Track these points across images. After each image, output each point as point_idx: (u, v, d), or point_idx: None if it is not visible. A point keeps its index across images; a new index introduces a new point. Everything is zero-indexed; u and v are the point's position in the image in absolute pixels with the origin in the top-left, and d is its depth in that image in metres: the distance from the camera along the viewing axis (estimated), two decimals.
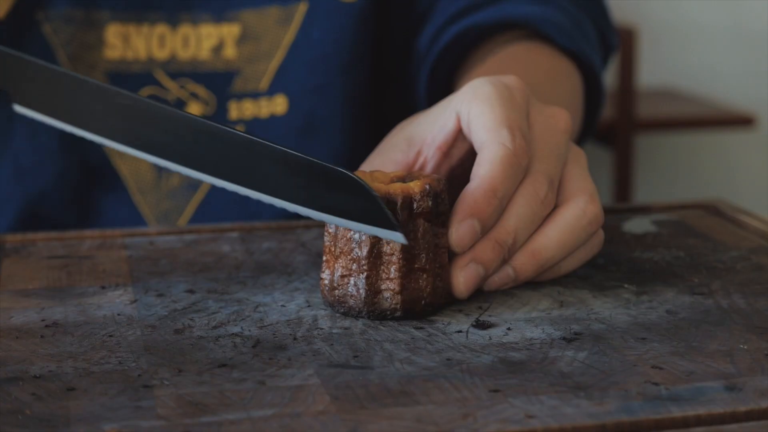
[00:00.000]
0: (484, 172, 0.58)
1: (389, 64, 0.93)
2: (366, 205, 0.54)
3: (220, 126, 0.58)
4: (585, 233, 0.60)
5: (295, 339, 0.53)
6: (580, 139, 0.89)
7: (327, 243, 0.57)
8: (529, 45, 0.85)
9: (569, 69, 0.85)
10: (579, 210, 0.60)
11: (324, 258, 0.57)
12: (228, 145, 0.58)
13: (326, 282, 0.57)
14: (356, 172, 0.59)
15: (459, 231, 0.57)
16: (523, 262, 0.59)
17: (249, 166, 0.57)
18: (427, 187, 0.55)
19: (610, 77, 2.28)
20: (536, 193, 0.59)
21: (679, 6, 2.65)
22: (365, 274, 0.55)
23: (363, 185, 0.54)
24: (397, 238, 0.54)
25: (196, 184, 0.88)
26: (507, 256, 0.58)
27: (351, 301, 0.56)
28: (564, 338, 0.54)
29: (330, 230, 0.57)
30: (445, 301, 0.57)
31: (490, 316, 0.57)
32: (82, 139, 0.84)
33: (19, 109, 0.67)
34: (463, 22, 0.87)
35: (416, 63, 0.90)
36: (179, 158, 0.60)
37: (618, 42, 0.95)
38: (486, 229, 0.58)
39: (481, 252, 0.57)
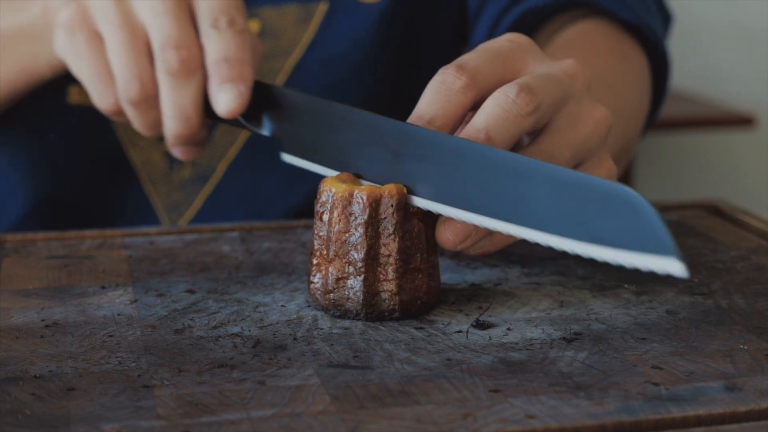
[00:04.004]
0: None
1: (427, 67, 0.93)
2: (641, 229, 0.47)
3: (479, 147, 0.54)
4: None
5: (295, 339, 0.53)
6: (652, 114, 0.88)
7: (317, 246, 0.56)
8: (588, 25, 0.84)
9: (632, 46, 0.84)
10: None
11: (314, 261, 0.57)
12: (497, 173, 0.53)
13: (318, 286, 0.56)
14: (340, 174, 0.58)
15: None
16: None
17: (520, 195, 0.52)
18: None
19: None
20: (505, 95, 0.56)
21: (680, 6, 2.65)
22: (362, 276, 0.55)
23: (639, 201, 0.47)
24: (676, 269, 0.46)
25: (206, 176, 0.88)
26: None
27: (348, 304, 0.56)
28: (564, 338, 0.53)
29: (321, 234, 0.56)
30: (437, 300, 0.57)
31: (490, 316, 0.57)
32: (97, 125, 0.84)
33: (286, 158, 0.64)
34: (520, 7, 0.86)
35: None
36: (460, 202, 0.54)
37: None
38: None
39: None
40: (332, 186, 0.56)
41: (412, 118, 0.56)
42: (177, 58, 0.64)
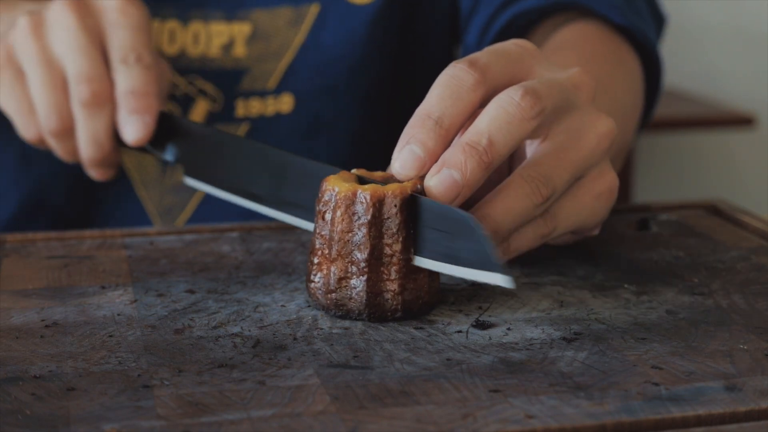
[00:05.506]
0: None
1: (420, 67, 0.93)
2: (474, 248, 0.52)
3: None
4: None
5: (295, 339, 0.53)
6: (645, 116, 0.88)
7: (319, 246, 0.56)
8: (581, 27, 0.83)
9: (624, 49, 0.83)
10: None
11: (315, 261, 0.56)
12: None
13: (319, 285, 0.56)
14: (340, 172, 0.58)
15: (399, 159, 0.55)
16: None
17: None
18: (419, 187, 0.55)
19: None
20: (510, 97, 0.55)
21: (680, 6, 2.65)
22: (365, 276, 0.55)
23: (474, 226, 0.52)
24: (505, 281, 0.51)
25: None
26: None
27: (351, 304, 0.56)
28: (564, 338, 0.53)
29: (323, 233, 0.56)
30: (437, 300, 0.57)
31: (490, 316, 0.57)
32: None
33: (189, 181, 0.71)
34: (512, 9, 0.86)
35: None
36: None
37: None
38: (432, 153, 0.55)
39: (450, 156, 0.54)
40: (335, 185, 0.56)
41: (420, 115, 0.55)
42: (89, 91, 0.71)
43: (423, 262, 0.55)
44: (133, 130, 0.71)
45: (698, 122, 2.46)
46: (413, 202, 0.55)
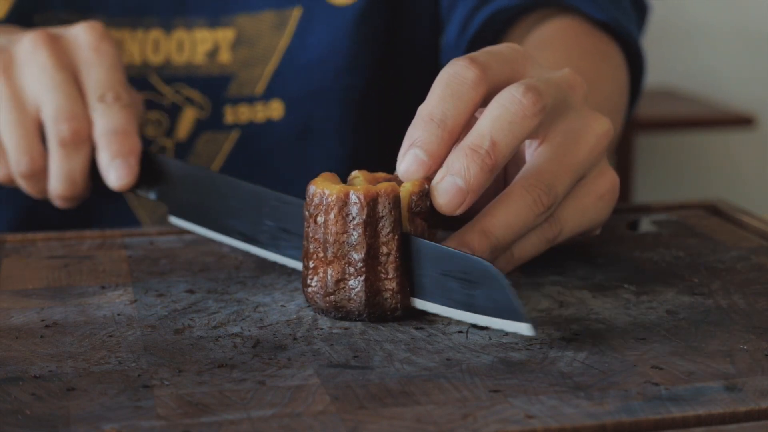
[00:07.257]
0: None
1: (408, 65, 0.92)
2: (496, 296, 0.52)
3: None
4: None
5: (295, 339, 0.53)
6: (629, 108, 0.87)
7: (313, 249, 0.56)
8: (563, 24, 0.83)
9: (607, 44, 0.83)
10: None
11: (310, 265, 0.56)
12: None
13: (317, 289, 0.56)
14: (322, 174, 0.58)
15: (404, 163, 0.55)
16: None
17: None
18: (426, 187, 0.55)
19: None
20: (512, 95, 0.55)
21: (680, 6, 2.65)
22: (363, 276, 0.55)
23: (496, 274, 0.52)
24: (525, 330, 0.51)
25: None
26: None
27: (350, 305, 0.55)
28: (564, 338, 0.53)
29: (317, 236, 0.56)
30: None
31: None
32: None
33: (174, 220, 0.70)
34: (492, 4, 0.85)
35: (445, 57, 0.89)
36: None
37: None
38: (436, 156, 0.55)
39: (452, 161, 0.54)
40: (324, 187, 0.55)
41: (422, 116, 0.55)
42: (69, 130, 0.69)
43: (440, 309, 0.54)
44: (119, 175, 0.69)
45: (698, 122, 2.47)
46: (409, 243, 0.55)
